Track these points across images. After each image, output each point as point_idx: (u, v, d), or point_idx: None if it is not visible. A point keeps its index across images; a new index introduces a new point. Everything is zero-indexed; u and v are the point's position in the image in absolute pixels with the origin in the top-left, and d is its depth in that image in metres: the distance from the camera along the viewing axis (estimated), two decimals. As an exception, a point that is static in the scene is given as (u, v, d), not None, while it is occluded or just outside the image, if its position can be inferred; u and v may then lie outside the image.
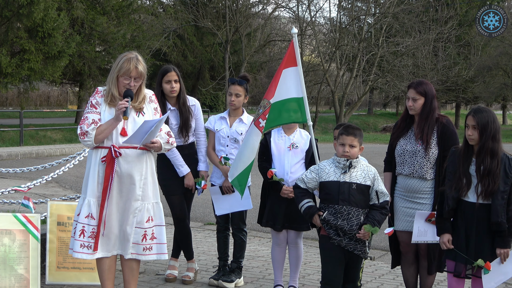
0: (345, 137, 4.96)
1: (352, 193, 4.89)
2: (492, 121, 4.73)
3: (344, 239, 4.89)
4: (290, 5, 50.51)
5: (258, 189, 6.08)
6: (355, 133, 4.98)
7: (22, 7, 19.25)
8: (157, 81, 6.20)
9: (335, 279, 4.95)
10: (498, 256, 4.75)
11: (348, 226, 4.86)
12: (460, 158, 4.79)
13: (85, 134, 4.90)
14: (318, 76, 35.89)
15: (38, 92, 36.85)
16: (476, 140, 4.74)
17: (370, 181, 4.94)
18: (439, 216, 4.89)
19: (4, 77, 20.38)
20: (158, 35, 29.88)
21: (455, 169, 4.79)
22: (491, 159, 4.69)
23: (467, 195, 4.77)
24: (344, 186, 4.90)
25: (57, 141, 22.12)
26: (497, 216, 4.66)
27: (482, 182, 4.69)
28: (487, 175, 4.68)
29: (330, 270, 4.97)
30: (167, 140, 5.11)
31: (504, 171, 4.71)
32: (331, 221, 4.89)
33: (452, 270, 4.82)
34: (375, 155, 12.81)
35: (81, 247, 4.93)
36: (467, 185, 4.74)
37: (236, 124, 6.22)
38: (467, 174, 4.75)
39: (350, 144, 4.94)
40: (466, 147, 4.80)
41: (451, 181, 4.79)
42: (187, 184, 6.21)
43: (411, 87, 5.44)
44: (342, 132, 5.00)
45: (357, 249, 4.93)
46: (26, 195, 6.48)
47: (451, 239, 4.81)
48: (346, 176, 4.94)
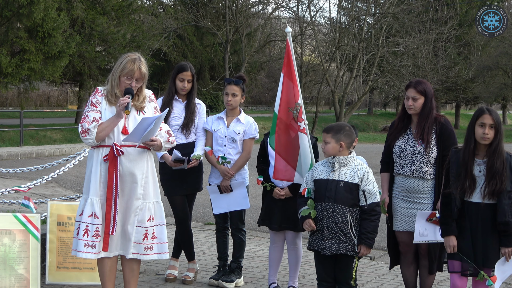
0: (322, 134, 5.08)
1: (338, 190, 4.91)
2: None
3: (329, 242, 4.88)
4: (290, 5, 50.60)
5: (258, 189, 6.08)
6: (328, 129, 5.07)
7: (22, 7, 19.25)
8: (172, 76, 6.33)
9: (328, 277, 5.02)
10: (503, 255, 4.76)
11: (334, 224, 4.87)
12: (463, 160, 4.78)
13: (86, 132, 4.90)
14: (318, 76, 35.91)
15: (38, 92, 36.82)
16: (491, 139, 4.74)
17: (359, 180, 4.94)
18: (444, 218, 4.84)
19: (4, 77, 20.38)
20: (158, 35, 29.86)
21: (459, 170, 4.77)
22: (500, 158, 4.69)
23: (471, 196, 4.76)
24: (332, 184, 4.93)
25: (57, 141, 22.11)
26: (504, 216, 4.66)
27: (490, 182, 4.68)
28: (495, 175, 4.67)
29: (321, 267, 5.04)
30: (167, 139, 5.13)
31: (511, 170, 4.70)
32: (317, 221, 4.93)
33: (459, 269, 4.80)
34: (375, 155, 12.80)
35: (85, 246, 4.93)
36: (471, 187, 4.73)
37: (234, 124, 6.23)
38: (471, 175, 4.74)
39: (324, 140, 5.03)
40: (467, 149, 4.79)
41: (456, 183, 4.75)
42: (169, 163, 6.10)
43: (410, 87, 5.43)
44: (324, 130, 5.12)
45: (348, 250, 4.90)
46: (26, 195, 6.48)
47: (456, 241, 4.78)
48: (335, 174, 4.97)
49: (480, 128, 4.74)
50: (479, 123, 4.76)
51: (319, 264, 5.07)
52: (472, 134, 4.79)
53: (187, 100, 6.32)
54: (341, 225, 4.88)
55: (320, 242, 4.95)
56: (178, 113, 6.28)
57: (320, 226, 4.95)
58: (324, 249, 4.92)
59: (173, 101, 6.28)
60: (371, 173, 5.00)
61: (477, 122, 4.77)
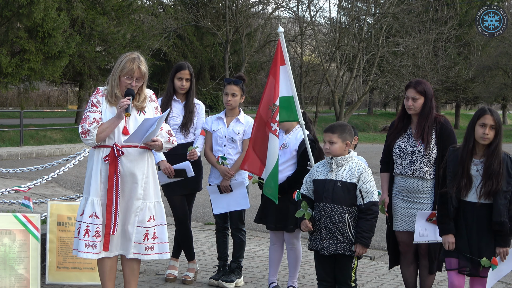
0: (325, 134, 5.04)
1: (336, 190, 4.90)
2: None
3: (327, 242, 4.88)
4: (290, 5, 50.60)
5: (258, 189, 6.09)
6: (333, 129, 5.03)
7: (22, 7, 19.25)
8: (170, 76, 6.34)
9: (327, 277, 5.02)
10: (498, 255, 4.76)
11: (332, 224, 4.87)
12: (461, 158, 4.78)
13: (87, 132, 4.90)
14: (318, 76, 35.93)
15: (38, 92, 36.81)
16: (491, 140, 4.74)
17: (356, 179, 4.93)
18: (442, 217, 4.86)
19: (4, 77, 20.38)
20: (158, 35, 29.87)
21: (456, 169, 4.78)
22: (497, 159, 4.70)
23: (467, 195, 4.77)
24: (329, 184, 4.93)
25: (57, 141, 22.11)
26: (500, 215, 4.67)
27: (486, 183, 4.68)
28: (492, 175, 4.68)
29: (320, 267, 5.04)
30: (168, 139, 5.13)
31: (507, 171, 4.71)
32: (316, 221, 4.92)
33: (456, 266, 4.81)
34: (375, 155, 12.80)
35: (86, 246, 4.93)
36: (467, 186, 4.74)
37: (233, 124, 6.23)
38: (468, 175, 4.74)
39: (329, 140, 4.99)
40: (466, 148, 4.79)
41: (453, 182, 4.77)
42: (165, 168, 6.14)
43: (410, 87, 5.42)
44: (326, 130, 5.09)
45: (346, 249, 4.89)
46: (26, 195, 6.48)
47: (454, 239, 4.79)
48: (333, 174, 4.96)
49: (481, 128, 4.74)
50: (480, 123, 4.76)
51: (318, 264, 5.07)
52: (472, 134, 4.78)
53: (185, 100, 6.33)
54: (339, 225, 4.88)
55: (319, 242, 4.95)
56: (177, 113, 6.28)
57: (318, 226, 4.95)
58: (322, 249, 4.92)
59: (172, 101, 6.28)
60: (369, 172, 4.99)
61: (478, 122, 4.77)
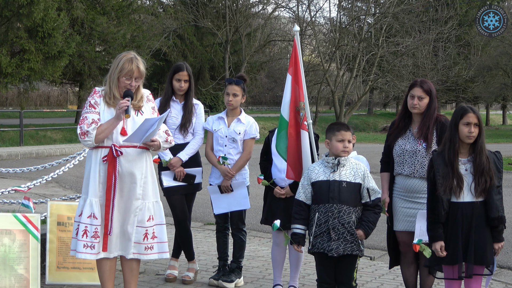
0: (343, 133, 4.96)
1: (342, 191, 4.89)
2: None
3: (336, 243, 4.87)
4: (290, 5, 50.58)
5: (258, 189, 6.08)
6: (346, 127, 5.01)
7: (22, 7, 19.25)
8: (168, 77, 6.32)
9: (328, 279, 5.00)
10: (496, 251, 4.79)
11: (340, 225, 4.86)
12: (448, 159, 4.77)
13: (85, 134, 4.90)
14: (318, 76, 35.90)
15: (38, 92, 36.83)
16: (475, 137, 4.76)
17: (360, 179, 4.94)
18: (431, 224, 4.82)
19: (4, 77, 20.39)
20: (158, 35, 29.87)
21: (445, 170, 4.76)
22: (484, 155, 4.74)
23: (462, 196, 4.76)
24: (334, 185, 4.90)
25: (57, 141, 22.11)
26: (497, 211, 4.69)
27: (479, 180, 4.70)
28: (483, 172, 4.69)
29: (322, 269, 5.02)
30: (166, 139, 5.13)
31: (496, 166, 4.76)
32: (322, 223, 4.89)
33: (457, 276, 4.80)
34: (375, 155, 12.80)
35: (85, 247, 4.93)
36: (459, 185, 4.73)
37: (234, 124, 6.23)
38: (458, 174, 4.74)
39: (348, 139, 4.96)
40: (452, 148, 4.77)
41: (444, 184, 4.75)
42: (178, 171, 6.17)
43: (416, 86, 5.40)
44: (340, 128, 4.99)
45: (354, 249, 4.90)
46: (26, 195, 6.48)
47: (444, 245, 4.78)
48: (336, 174, 4.94)
49: (466, 127, 4.75)
50: (463, 122, 4.77)
51: (320, 266, 5.04)
52: (455, 134, 4.78)
53: (184, 100, 6.32)
54: (348, 225, 4.87)
55: (326, 244, 4.89)
56: (176, 113, 6.27)
57: (325, 228, 4.90)
58: (331, 250, 4.87)
59: (170, 102, 6.27)
60: (368, 171, 5.04)
61: (461, 121, 4.78)
